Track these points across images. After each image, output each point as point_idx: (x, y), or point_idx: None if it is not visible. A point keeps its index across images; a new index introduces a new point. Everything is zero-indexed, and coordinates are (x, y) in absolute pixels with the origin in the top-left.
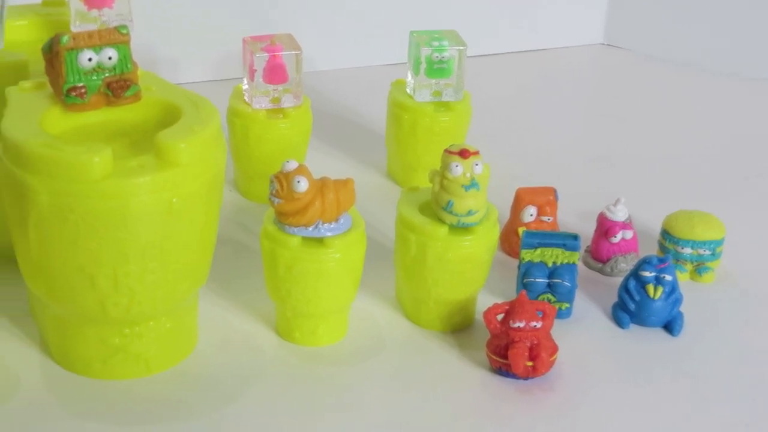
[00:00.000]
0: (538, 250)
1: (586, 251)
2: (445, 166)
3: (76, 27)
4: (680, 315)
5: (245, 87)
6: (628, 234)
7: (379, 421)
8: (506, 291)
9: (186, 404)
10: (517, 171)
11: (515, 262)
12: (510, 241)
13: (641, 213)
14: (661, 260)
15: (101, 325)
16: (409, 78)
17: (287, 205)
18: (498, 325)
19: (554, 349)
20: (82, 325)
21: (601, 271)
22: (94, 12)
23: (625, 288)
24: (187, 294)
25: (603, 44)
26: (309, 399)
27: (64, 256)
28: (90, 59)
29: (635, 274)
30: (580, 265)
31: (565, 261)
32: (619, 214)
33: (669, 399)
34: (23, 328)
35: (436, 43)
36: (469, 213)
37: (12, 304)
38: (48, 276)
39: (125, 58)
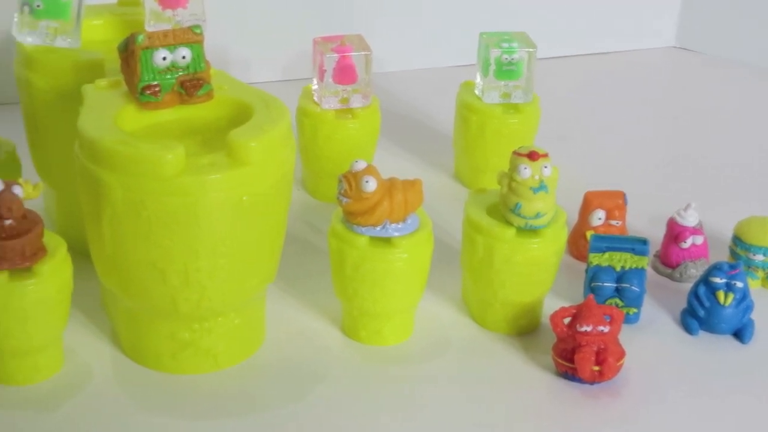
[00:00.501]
0: (607, 254)
1: (655, 256)
2: (514, 168)
3: (150, 26)
4: (751, 322)
5: (315, 87)
6: (699, 239)
7: (442, 423)
8: (573, 295)
9: (252, 400)
10: (586, 174)
11: (582, 266)
12: (578, 244)
13: (712, 218)
14: (732, 267)
15: (172, 319)
16: (478, 80)
17: (355, 205)
18: (565, 329)
19: (621, 354)
20: (152, 319)
21: (670, 277)
22: (169, 12)
23: (694, 294)
24: (256, 291)
25: (675, 47)
26: (373, 398)
27: (136, 252)
28: (164, 58)
29: (705, 280)
30: (649, 270)
31: (634, 266)
32: (690, 219)
33: (738, 408)
34: (95, 321)
35: (505, 45)
36: (537, 216)
37: (85, 298)
38: (121, 271)
39: (198, 57)
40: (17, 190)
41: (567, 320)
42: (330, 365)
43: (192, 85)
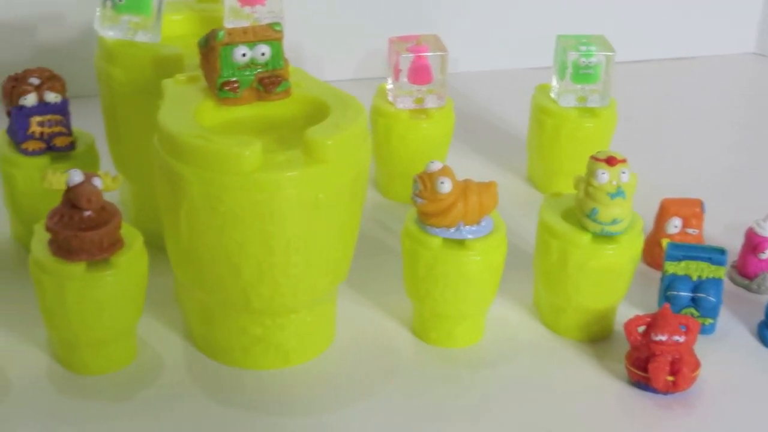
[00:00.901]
0: (683, 263)
1: (732, 266)
2: (591, 173)
3: (229, 23)
4: None
5: (389, 87)
6: None
7: (510, 427)
8: (647, 303)
9: (321, 398)
10: (662, 181)
11: (657, 274)
12: (653, 252)
13: None
14: None
15: (244, 314)
16: (554, 82)
17: (430, 206)
18: (639, 338)
19: (696, 364)
20: (225, 313)
21: (747, 288)
22: (247, 9)
23: None
24: (328, 289)
25: (754, 53)
26: (441, 400)
27: (211, 246)
28: (244, 55)
29: None
30: (726, 280)
31: (711, 275)
32: None
33: None
34: (168, 314)
35: (583, 48)
36: (614, 222)
37: (158, 291)
38: (195, 264)
39: (277, 54)
40: (97, 182)
41: (641, 329)
42: (399, 366)
43: (270, 81)
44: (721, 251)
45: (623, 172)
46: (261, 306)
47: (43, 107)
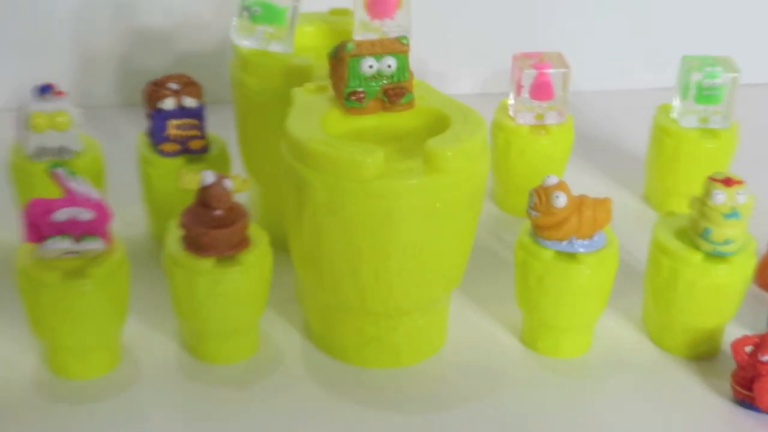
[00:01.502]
0: None
1: None
2: (707, 193)
3: (358, 35)
4: None
5: (511, 102)
6: None
7: None
8: (756, 324)
9: (429, 398)
10: None
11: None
12: (765, 274)
13: None
14: None
15: (360, 314)
16: (676, 103)
17: (544, 219)
18: (746, 357)
19: None
20: (342, 313)
21: None
22: (376, 22)
23: None
24: (441, 294)
25: None
26: (546, 408)
27: (332, 248)
28: (371, 66)
29: None
30: None
31: None
32: None
33: None
34: (290, 310)
35: (708, 69)
36: (726, 242)
37: (281, 288)
38: (316, 264)
39: (403, 67)
40: (227, 183)
41: (749, 348)
42: (505, 373)
43: (395, 93)
44: None
45: (739, 194)
46: (376, 307)
47: (180, 111)
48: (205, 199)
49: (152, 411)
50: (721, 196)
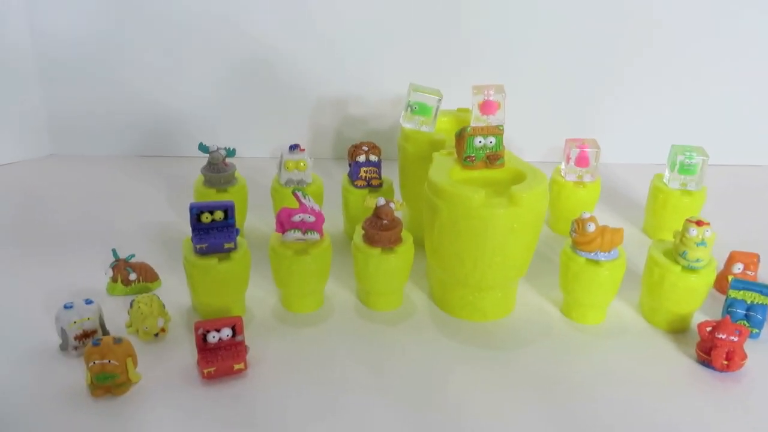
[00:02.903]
0: (741, 292)
1: None
2: (686, 229)
3: (473, 123)
4: None
5: (562, 167)
6: None
7: (617, 378)
8: (714, 314)
9: (503, 341)
10: (733, 239)
11: (723, 298)
12: (722, 283)
13: None
14: None
15: (463, 287)
16: (666, 173)
17: (580, 238)
18: (707, 334)
19: (744, 356)
20: (453, 286)
21: None
22: (485, 117)
23: None
24: (514, 279)
25: None
26: (574, 354)
27: (449, 246)
28: (480, 141)
29: None
30: None
31: (760, 302)
32: None
33: None
34: (422, 282)
35: (688, 153)
36: (697, 261)
37: (418, 268)
38: (440, 255)
39: (499, 142)
40: (391, 205)
41: (709, 329)
42: (551, 330)
43: (494, 157)
44: None
45: (707, 231)
46: (473, 284)
47: (367, 163)
48: (378, 213)
49: (339, 335)
50: (695, 232)
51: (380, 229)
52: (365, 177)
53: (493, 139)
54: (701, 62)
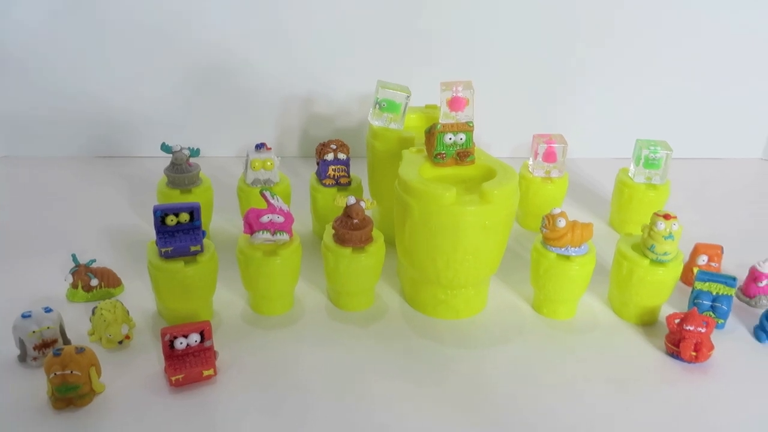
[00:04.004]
0: (707, 283)
1: (738, 289)
2: (653, 223)
3: (443, 120)
4: None
5: (530, 162)
6: None
7: (589, 370)
8: (681, 306)
9: (476, 338)
10: (698, 232)
11: (689, 289)
12: (687, 275)
13: None
14: None
15: (435, 286)
16: (632, 167)
17: (550, 234)
18: (675, 326)
19: (711, 347)
20: (424, 284)
21: (748, 303)
22: (453, 113)
23: (765, 316)
24: (486, 276)
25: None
26: (545, 349)
27: (421, 245)
28: (450, 138)
29: None
30: (734, 297)
31: (725, 293)
32: (766, 268)
33: None
34: (393, 281)
35: (652, 147)
36: (665, 254)
37: (389, 267)
38: (411, 254)
39: (469, 139)
40: (362, 204)
41: (677, 321)
42: (522, 326)
43: (464, 154)
44: (733, 278)
45: (674, 225)
46: (445, 282)
47: (336, 161)
48: (348, 212)
49: (309, 335)
50: (662, 225)
51: (351, 229)
52: (334, 175)
53: (463, 136)
54: (663, 58)
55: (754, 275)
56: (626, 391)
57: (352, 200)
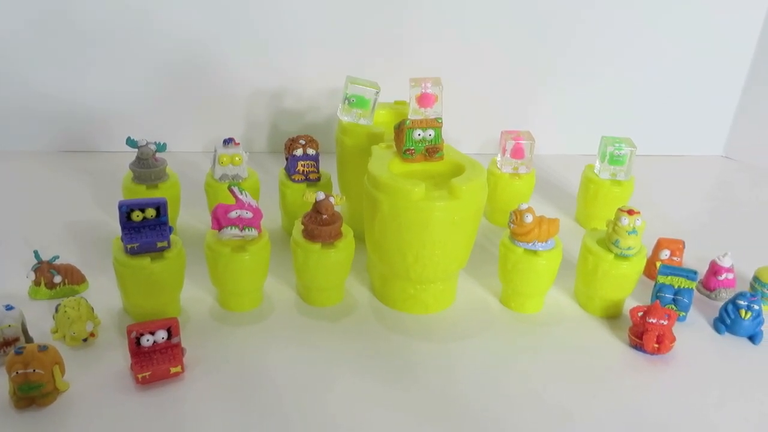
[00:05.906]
0: (669, 277)
1: (699, 282)
2: (618, 218)
3: (411, 116)
4: (761, 332)
5: (498, 159)
6: (730, 275)
7: (554, 364)
8: (644, 299)
9: (446, 333)
10: (660, 228)
11: (652, 283)
12: (650, 269)
13: (741, 263)
14: (753, 295)
15: (405, 281)
16: (597, 163)
17: (518, 229)
18: (638, 319)
19: (673, 339)
20: (394, 279)
21: (708, 297)
22: (422, 109)
23: (724, 309)
24: (454, 271)
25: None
26: (513, 342)
27: (391, 240)
28: (419, 134)
29: (733, 301)
30: (695, 291)
31: (686, 286)
32: (726, 262)
33: (741, 377)
34: (363, 276)
35: (617, 144)
36: (629, 249)
37: (359, 262)
38: (381, 249)
39: (438, 135)
40: (331, 199)
41: (640, 314)
42: (491, 320)
43: (432, 150)
44: (694, 272)
45: (637, 220)
46: (415, 277)
47: (305, 156)
48: (317, 208)
49: (280, 332)
50: (626, 221)
51: (320, 224)
52: (303, 171)
53: (432, 132)
54: (626, 57)
55: (714, 269)
56: (591, 381)
57: (321, 196)
